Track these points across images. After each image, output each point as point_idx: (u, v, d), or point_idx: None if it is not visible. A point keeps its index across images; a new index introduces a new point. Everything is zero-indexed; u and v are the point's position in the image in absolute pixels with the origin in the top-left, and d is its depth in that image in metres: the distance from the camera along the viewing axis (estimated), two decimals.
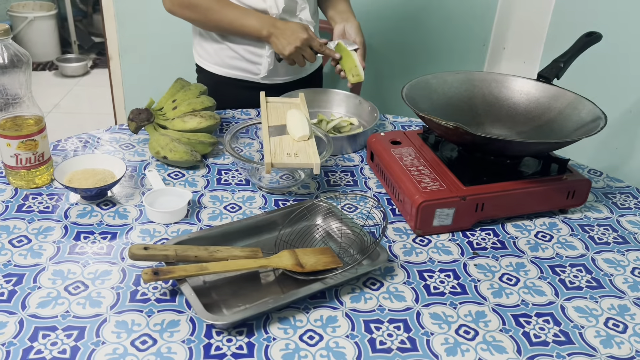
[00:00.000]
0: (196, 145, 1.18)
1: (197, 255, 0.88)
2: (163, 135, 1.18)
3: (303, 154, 1.05)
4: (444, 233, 1.03)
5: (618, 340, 0.83)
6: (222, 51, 1.46)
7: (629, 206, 1.15)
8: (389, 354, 0.78)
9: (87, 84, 3.77)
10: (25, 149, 1.04)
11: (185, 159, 1.15)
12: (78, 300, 0.83)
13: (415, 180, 1.04)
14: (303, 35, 1.31)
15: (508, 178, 1.06)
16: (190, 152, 1.16)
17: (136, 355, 0.75)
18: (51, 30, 3.94)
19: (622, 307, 0.89)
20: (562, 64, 1.18)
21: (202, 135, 1.20)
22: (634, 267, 0.98)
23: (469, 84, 1.24)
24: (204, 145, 1.19)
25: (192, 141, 1.18)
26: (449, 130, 1.02)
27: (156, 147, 1.17)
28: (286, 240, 0.95)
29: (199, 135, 1.19)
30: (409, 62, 2.35)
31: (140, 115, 1.19)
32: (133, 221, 1.01)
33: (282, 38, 1.32)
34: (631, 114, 1.64)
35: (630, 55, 1.64)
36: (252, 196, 1.11)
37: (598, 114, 1.07)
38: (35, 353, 0.75)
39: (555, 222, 1.08)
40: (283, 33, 1.32)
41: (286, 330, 0.81)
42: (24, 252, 0.92)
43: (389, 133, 1.21)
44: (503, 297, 0.89)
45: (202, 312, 0.78)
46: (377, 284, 0.90)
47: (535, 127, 1.18)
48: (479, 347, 0.80)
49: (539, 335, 0.83)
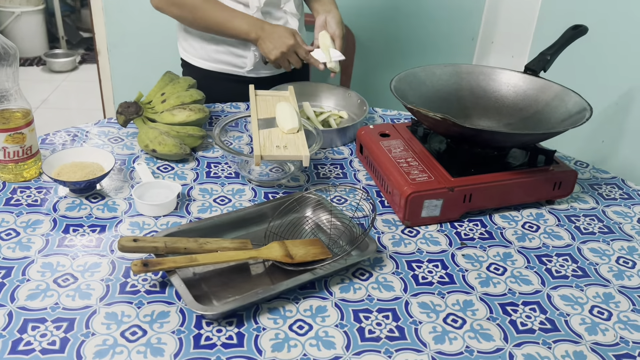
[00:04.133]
0: (185, 138, 1.18)
1: (186, 247, 0.88)
2: (152, 128, 1.17)
3: (292, 146, 1.05)
4: (432, 224, 1.04)
5: (603, 328, 0.84)
6: (207, 45, 1.45)
7: (614, 197, 1.16)
8: (377, 342, 0.79)
9: (75, 79, 3.74)
10: (13, 142, 1.04)
11: (174, 152, 1.15)
12: (67, 292, 0.83)
13: (404, 172, 1.05)
14: (290, 41, 1.31)
15: (495, 169, 1.07)
16: (179, 145, 1.16)
17: (126, 346, 0.76)
18: (39, 25, 3.91)
19: (607, 295, 0.91)
20: (548, 56, 1.19)
21: (191, 129, 1.20)
22: (618, 256, 0.99)
23: (457, 76, 1.25)
24: (193, 138, 1.19)
25: (181, 134, 1.18)
26: (437, 122, 1.03)
27: (145, 140, 1.16)
28: (276, 232, 0.95)
29: (188, 129, 1.19)
30: (398, 57, 2.36)
31: (129, 109, 1.19)
32: (122, 214, 1.01)
33: (268, 42, 1.32)
34: (617, 107, 1.66)
35: (616, 48, 1.66)
36: (241, 189, 1.11)
37: (584, 106, 1.09)
38: (25, 345, 0.75)
39: (542, 213, 1.10)
40: (270, 37, 1.32)
41: (276, 321, 0.81)
42: (12, 245, 0.92)
43: (378, 126, 1.22)
44: (490, 287, 0.90)
45: (192, 303, 0.79)
46: (366, 275, 0.91)
47: (522, 119, 1.19)
48: (467, 335, 0.81)
49: (526, 323, 0.84)
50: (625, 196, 1.17)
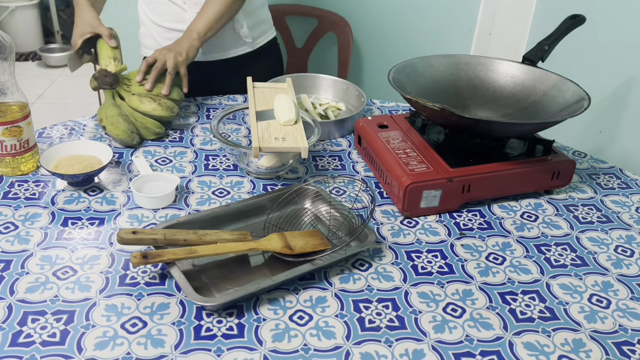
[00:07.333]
0: (141, 128, 1.19)
1: (186, 238, 0.88)
2: (115, 106, 1.18)
3: (291, 138, 1.05)
4: (431, 215, 1.04)
5: (602, 316, 0.84)
6: (154, 30, 1.48)
7: (612, 186, 1.17)
8: (377, 332, 0.79)
9: (71, 74, 3.71)
10: (10, 136, 1.03)
11: (121, 137, 1.16)
12: (67, 284, 0.83)
13: (403, 163, 1.05)
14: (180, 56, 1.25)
15: (494, 160, 1.07)
16: (129, 134, 1.16)
17: (126, 337, 0.76)
18: (34, 20, 3.88)
19: (606, 283, 0.91)
20: (546, 46, 1.19)
21: (151, 122, 1.20)
22: (617, 245, 0.99)
23: (455, 67, 1.24)
24: (148, 131, 1.20)
25: (138, 123, 1.18)
26: (435, 112, 1.02)
27: (102, 114, 1.18)
28: (275, 223, 0.95)
29: (148, 120, 1.19)
30: (395, 49, 2.35)
31: (105, 78, 1.18)
32: (121, 207, 1.01)
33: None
34: (615, 97, 1.66)
35: (614, 38, 1.65)
36: (240, 181, 1.11)
37: (582, 95, 1.09)
38: (25, 337, 0.75)
39: (541, 203, 1.10)
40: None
41: (276, 311, 0.81)
42: (10, 239, 0.92)
43: (376, 117, 1.21)
44: (490, 276, 0.91)
45: (192, 294, 0.79)
46: (365, 265, 0.91)
47: (521, 109, 1.19)
48: (466, 324, 0.81)
49: (525, 312, 0.84)
50: (624, 185, 1.17)
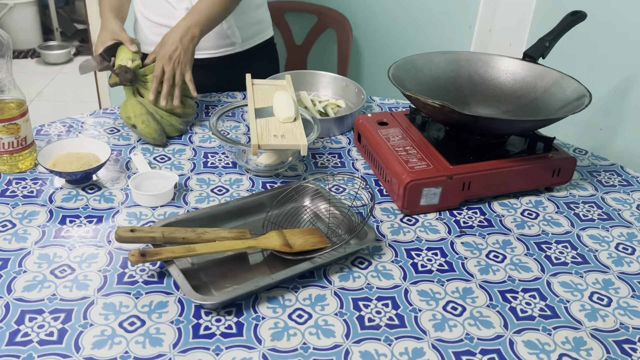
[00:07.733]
0: (166, 125, 1.18)
1: (184, 237, 0.87)
2: (140, 103, 1.17)
3: (290, 135, 1.05)
4: (431, 212, 1.04)
5: (602, 314, 0.84)
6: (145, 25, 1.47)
7: (613, 184, 1.16)
8: (377, 330, 0.79)
9: (70, 71, 3.71)
10: (7, 133, 1.03)
11: (153, 136, 1.15)
12: (65, 283, 0.83)
13: (403, 160, 1.04)
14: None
15: (494, 157, 1.06)
16: (161, 132, 1.16)
17: (124, 336, 0.75)
18: (33, 17, 3.87)
19: (607, 281, 0.90)
20: (547, 43, 1.18)
21: (175, 119, 1.20)
22: (618, 243, 0.99)
23: (455, 64, 1.24)
24: (172, 128, 1.20)
25: (163, 120, 1.18)
26: (436, 109, 1.02)
27: (129, 113, 1.16)
28: (274, 221, 0.94)
29: (172, 118, 1.19)
30: (395, 45, 2.34)
31: (126, 74, 1.16)
32: (119, 205, 1.00)
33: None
34: (615, 94, 1.65)
35: (615, 35, 1.65)
36: (239, 179, 1.10)
37: (583, 92, 1.08)
38: (22, 336, 0.74)
39: (541, 200, 1.09)
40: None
41: (275, 310, 0.81)
42: (8, 237, 0.91)
43: (376, 114, 1.21)
44: (490, 274, 0.90)
45: (191, 292, 0.78)
46: (365, 263, 0.91)
47: (521, 106, 1.18)
48: (467, 323, 0.81)
49: (525, 310, 0.84)
50: (624, 183, 1.16)
